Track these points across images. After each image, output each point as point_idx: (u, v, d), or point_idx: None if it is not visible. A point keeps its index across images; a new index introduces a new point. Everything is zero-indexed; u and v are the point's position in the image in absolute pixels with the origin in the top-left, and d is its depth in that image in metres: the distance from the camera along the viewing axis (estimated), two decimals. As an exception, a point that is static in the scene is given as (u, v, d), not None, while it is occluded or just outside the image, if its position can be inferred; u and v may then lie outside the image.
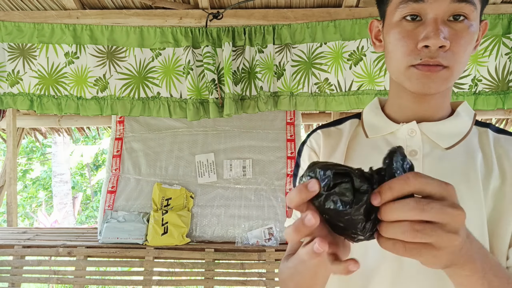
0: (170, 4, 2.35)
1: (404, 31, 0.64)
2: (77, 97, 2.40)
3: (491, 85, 2.29)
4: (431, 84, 0.63)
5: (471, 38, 0.63)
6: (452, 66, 0.62)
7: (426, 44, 0.60)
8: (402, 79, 0.67)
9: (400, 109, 0.73)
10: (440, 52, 0.61)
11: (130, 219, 2.46)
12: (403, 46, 0.64)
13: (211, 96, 2.33)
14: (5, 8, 2.38)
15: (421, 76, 0.63)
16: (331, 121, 0.83)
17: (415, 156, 0.69)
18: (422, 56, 0.62)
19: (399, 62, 0.65)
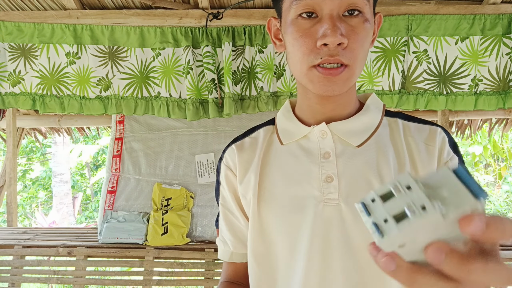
0: (170, 4, 2.35)
1: (302, 30, 0.62)
2: (80, 96, 2.40)
3: (492, 85, 2.29)
4: (334, 87, 0.62)
5: (367, 32, 0.63)
6: (353, 63, 0.61)
7: (324, 42, 0.59)
8: (305, 81, 0.65)
9: (309, 111, 0.72)
10: (339, 49, 0.60)
11: (130, 219, 2.46)
12: (301, 46, 0.62)
13: (210, 96, 2.33)
14: (5, 8, 2.37)
15: (323, 79, 0.62)
16: (245, 131, 0.82)
17: (329, 158, 0.68)
18: (322, 55, 0.60)
19: (300, 63, 0.63)
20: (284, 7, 0.66)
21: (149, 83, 2.41)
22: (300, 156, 0.70)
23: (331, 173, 0.67)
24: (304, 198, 0.67)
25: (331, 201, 0.65)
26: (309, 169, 0.69)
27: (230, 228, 0.77)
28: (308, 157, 0.69)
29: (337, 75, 0.61)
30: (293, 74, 0.68)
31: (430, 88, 2.31)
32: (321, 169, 0.68)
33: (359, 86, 2.35)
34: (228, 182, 0.77)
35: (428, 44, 2.28)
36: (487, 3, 2.24)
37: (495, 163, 8.28)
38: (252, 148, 0.76)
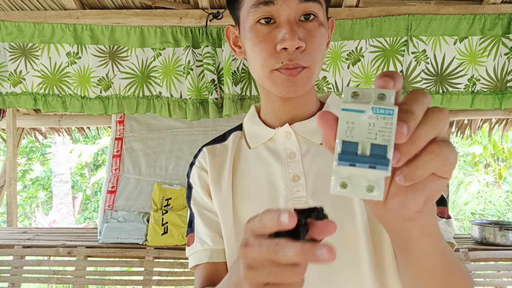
0: (170, 4, 2.35)
1: (261, 35, 0.64)
2: (81, 96, 2.41)
3: (489, 85, 2.29)
4: (295, 88, 0.65)
5: (323, 36, 0.66)
6: (311, 65, 0.64)
7: (284, 47, 0.62)
8: (267, 84, 0.67)
9: (273, 114, 0.74)
10: (298, 53, 0.63)
11: (130, 219, 2.46)
12: (262, 51, 0.64)
13: (211, 97, 2.34)
14: (5, 8, 2.38)
15: (285, 80, 0.64)
16: (215, 137, 0.84)
17: (295, 157, 0.70)
18: (282, 59, 0.63)
19: (261, 67, 0.66)
20: (242, 14, 0.68)
21: (150, 83, 2.42)
22: (268, 158, 0.73)
23: (297, 172, 0.69)
24: (275, 198, 0.70)
25: (299, 199, 0.68)
26: (277, 169, 0.71)
27: (208, 224, 0.76)
28: (275, 158, 0.72)
29: (297, 75, 0.64)
30: (255, 78, 0.70)
31: (427, 87, 2.32)
32: (288, 168, 0.70)
33: (357, 85, 2.35)
34: (201, 182, 0.77)
35: (427, 44, 2.28)
36: (487, 3, 2.24)
37: (495, 163, 8.28)
38: (223, 153, 0.78)
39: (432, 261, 0.46)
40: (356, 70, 2.34)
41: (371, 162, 0.29)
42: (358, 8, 2.31)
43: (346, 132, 0.30)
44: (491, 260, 2.30)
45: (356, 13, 2.29)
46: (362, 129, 0.30)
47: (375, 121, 0.30)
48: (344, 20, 2.28)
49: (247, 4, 0.66)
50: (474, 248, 2.31)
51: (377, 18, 2.27)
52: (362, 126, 0.30)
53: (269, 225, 0.37)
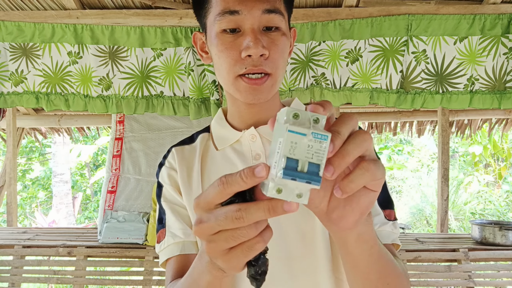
0: (170, 4, 2.35)
1: (227, 43, 0.67)
2: (84, 95, 2.43)
3: (488, 84, 2.30)
4: (259, 95, 0.68)
5: (285, 44, 0.69)
6: (274, 72, 0.68)
7: (248, 54, 0.65)
8: (232, 90, 0.70)
9: (239, 117, 0.77)
10: (262, 60, 0.66)
11: (130, 219, 2.46)
12: (227, 57, 0.67)
13: (212, 98, 2.35)
14: (5, 8, 2.38)
15: (249, 88, 0.68)
16: (184, 138, 0.87)
17: (259, 159, 0.74)
18: (247, 65, 0.66)
19: (226, 73, 0.68)
20: (209, 22, 0.71)
21: (149, 83, 2.43)
22: (234, 159, 0.76)
23: None
24: None
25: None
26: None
27: (179, 218, 0.77)
28: (241, 159, 0.75)
29: (261, 84, 0.67)
30: (221, 83, 0.73)
31: (427, 87, 2.32)
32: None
33: (353, 84, 2.37)
34: (171, 180, 0.80)
35: (427, 44, 2.28)
36: (487, 3, 2.24)
37: (495, 163, 8.28)
38: (191, 154, 0.81)
39: (369, 263, 0.52)
40: (354, 69, 2.34)
41: (308, 178, 0.35)
42: (358, 8, 2.31)
43: (290, 150, 0.35)
44: (491, 260, 2.30)
45: (356, 13, 2.29)
46: (302, 148, 0.35)
47: (313, 144, 0.35)
48: (344, 20, 2.28)
49: (213, 13, 0.69)
50: (474, 248, 2.31)
51: (377, 18, 2.27)
52: (302, 146, 0.35)
53: (241, 183, 0.37)
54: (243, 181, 0.37)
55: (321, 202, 0.45)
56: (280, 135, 0.36)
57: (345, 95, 2.38)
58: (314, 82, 2.42)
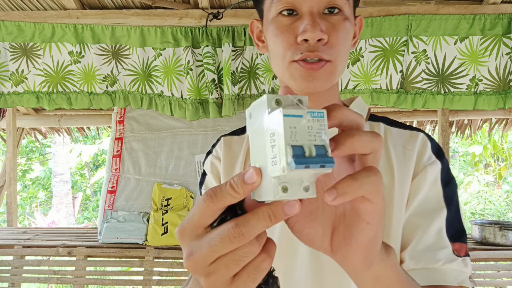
0: (170, 4, 2.35)
1: (282, 26, 0.62)
2: (88, 92, 2.44)
3: (492, 85, 2.29)
4: (315, 82, 0.61)
5: (347, 31, 0.63)
6: (334, 59, 0.61)
7: (305, 38, 0.59)
8: (286, 77, 0.65)
9: None
10: (320, 45, 0.60)
11: (130, 219, 2.46)
12: (282, 41, 0.62)
13: (211, 96, 2.35)
14: (5, 8, 2.38)
15: (304, 74, 0.61)
16: (236, 129, 0.84)
17: None
18: (302, 50, 0.60)
19: (280, 58, 0.63)
20: (265, 7, 0.67)
21: (151, 81, 2.44)
22: None
23: None
24: None
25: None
26: None
27: None
28: None
29: (318, 69, 0.61)
30: (275, 72, 0.68)
31: (428, 87, 2.32)
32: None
33: (354, 86, 2.35)
34: (213, 170, 0.77)
35: (427, 44, 2.28)
36: (487, 3, 2.24)
37: (495, 163, 8.28)
38: (239, 146, 0.78)
39: None
40: (355, 70, 2.34)
41: (321, 162, 0.31)
42: (358, 8, 2.29)
43: (291, 137, 0.30)
44: (491, 260, 2.30)
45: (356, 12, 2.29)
46: (303, 132, 0.31)
47: (312, 124, 0.31)
48: (344, 20, 2.28)
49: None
50: (474, 248, 2.30)
51: (377, 18, 2.27)
52: (302, 129, 0.31)
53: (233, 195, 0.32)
54: (235, 192, 0.32)
55: (323, 242, 0.39)
56: (266, 127, 0.32)
57: (345, 97, 2.38)
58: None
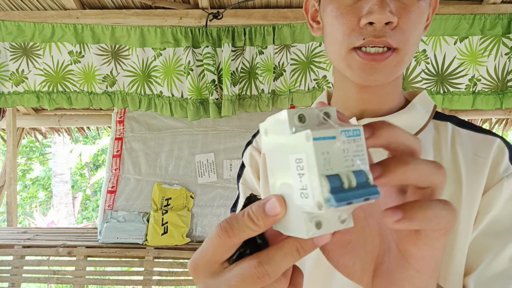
0: (170, 4, 2.35)
1: (343, 7, 0.53)
2: (88, 92, 2.44)
3: (490, 85, 2.29)
4: (377, 75, 0.53)
5: (421, 13, 0.53)
6: (403, 47, 0.52)
7: (370, 21, 0.50)
8: (343, 67, 0.56)
9: (343, 102, 0.62)
10: (387, 29, 0.50)
11: (130, 219, 2.46)
12: (342, 25, 0.53)
13: (211, 97, 2.35)
14: (5, 8, 2.37)
15: (364, 65, 0.52)
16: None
17: None
18: (366, 35, 0.51)
19: (338, 44, 0.54)
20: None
21: (151, 82, 2.44)
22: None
23: None
24: None
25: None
26: None
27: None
28: None
29: (382, 61, 0.51)
30: (330, 59, 0.59)
31: (428, 87, 2.32)
32: None
33: None
34: (252, 162, 0.71)
35: (427, 44, 2.28)
36: (487, 3, 2.24)
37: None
38: None
39: None
40: (355, 70, 2.34)
41: (364, 194, 0.25)
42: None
43: (325, 165, 0.25)
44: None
45: None
46: (338, 157, 0.25)
47: (347, 146, 0.26)
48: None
49: None
50: None
51: (377, 18, 2.27)
52: (337, 154, 0.25)
53: (252, 228, 0.28)
54: (255, 225, 0.27)
55: (363, 277, 0.34)
56: (290, 150, 0.26)
57: None
58: (316, 85, 2.41)
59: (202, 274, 0.30)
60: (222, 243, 0.28)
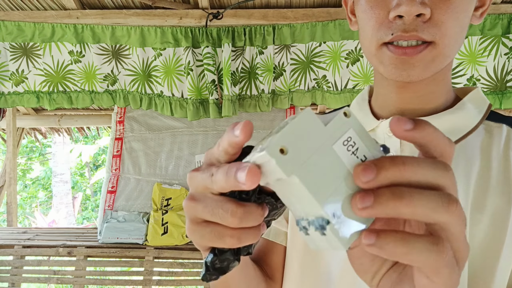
0: (170, 4, 2.35)
1: (373, 0, 0.50)
2: (89, 91, 2.45)
3: (490, 85, 2.30)
4: (410, 71, 0.48)
5: (463, 1, 0.47)
6: (440, 40, 0.47)
7: (398, 14, 0.46)
8: (375, 63, 0.53)
9: (383, 100, 0.59)
10: (419, 22, 0.46)
11: (130, 219, 2.47)
12: (371, 19, 0.50)
13: (211, 97, 2.35)
14: (5, 8, 2.38)
15: (395, 60, 0.49)
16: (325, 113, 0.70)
17: None
18: (394, 29, 0.47)
19: (369, 40, 0.51)
20: None
21: (151, 81, 2.45)
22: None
23: None
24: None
25: None
26: None
27: None
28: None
29: (414, 55, 0.47)
30: (364, 55, 0.56)
31: None
32: None
33: (354, 85, 2.35)
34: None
35: (428, 44, 2.29)
36: (487, 3, 2.24)
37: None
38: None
39: None
40: (355, 70, 2.34)
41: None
42: (358, 8, 2.30)
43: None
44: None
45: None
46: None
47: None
48: (344, 20, 2.28)
49: None
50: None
51: (377, 18, 2.27)
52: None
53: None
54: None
55: (374, 278, 0.33)
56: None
57: (345, 97, 2.38)
58: (315, 85, 2.42)
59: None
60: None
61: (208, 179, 0.30)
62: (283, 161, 0.24)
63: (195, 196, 0.33)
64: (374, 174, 0.25)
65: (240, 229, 0.30)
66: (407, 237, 0.25)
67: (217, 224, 0.31)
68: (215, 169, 0.30)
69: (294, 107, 2.57)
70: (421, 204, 0.24)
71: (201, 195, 0.32)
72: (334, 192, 0.25)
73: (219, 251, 0.33)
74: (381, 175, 0.25)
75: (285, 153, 0.24)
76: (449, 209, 0.25)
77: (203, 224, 0.32)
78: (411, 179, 0.25)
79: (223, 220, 0.30)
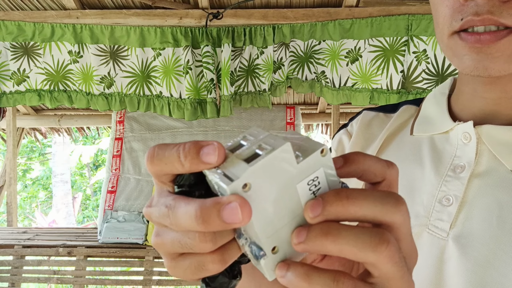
0: (170, 4, 2.35)
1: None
2: (86, 92, 2.45)
3: (491, 85, 2.30)
4: (487, 63, 0.40)
5: None
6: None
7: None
8: (449, 56, 0.44)
9: (464, 99, 0.49)
10: (496, 3, 0.38)
11: (130, 219, 2.47)
12: (442, 4, 0.43)
13: (209, 96, 2.35)
14: (5, 8, 2.38)
15: (468, 50, 0.40)
16: (386, 104, 0.66)
17: (460, 173, 0.45)
18: (465, 13, 0.39)
19: (440, 29, 0.44)
20: None
21: (150, 82, 2.44)
22: (425, 158, 0.49)
23: (452, 194, 0.45)
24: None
25: (437, 230, 0.45)
26: (427, 177, 0.48)
27: None
28: (434, 161, 0.48)
29: (491, 43, 0.39)
30: (440, 49, 0.50)
31: (429, 87, 2.32)
32: (442, 184, 0.46)
33: (353, 84, 2.35)
34: (338, 147, 0.61)
35: (427, 44, 2.28)
36: (487, 3, 2.24)
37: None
38: (379, 126, 0.58)
39: None
40: (354, 69, 2.34)
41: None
42: (358, 8, 2.30)
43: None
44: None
45: (356, 13, 2.29)
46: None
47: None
48: (344, 20, 2.28)
49: None
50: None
51: (377, 18, 2.27)
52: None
53: (176, 163, 0.24)
54: (179, 161, 0.24)
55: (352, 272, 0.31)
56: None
57: (344, 94, 2.39)
58: (315, 77, 2.42)
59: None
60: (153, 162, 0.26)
61: (166, 219, 0.26)
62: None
63: (159, 232, 0.29)
64: (320, 209, 0.23)
65: (219, 249, 0.26)
66: (311, 272, 0.23)
67: (193, 254, 0.27)
68: (171, 203, 0.25)
69: (294, 107, 2.57)
70: (346, 243, 0.23)
71: (164, 230, 0.28)
72: (282, 229, 0.25)
73: (209, 279, 0.30)
74: (326, 210, 0.23)
75: (247, 189, 0.23)
76: (377, 249, 0.23)
77: (180, 258, 0.28)
78: (356, 215, 0.24)
79: (195, 249, 0.26)
